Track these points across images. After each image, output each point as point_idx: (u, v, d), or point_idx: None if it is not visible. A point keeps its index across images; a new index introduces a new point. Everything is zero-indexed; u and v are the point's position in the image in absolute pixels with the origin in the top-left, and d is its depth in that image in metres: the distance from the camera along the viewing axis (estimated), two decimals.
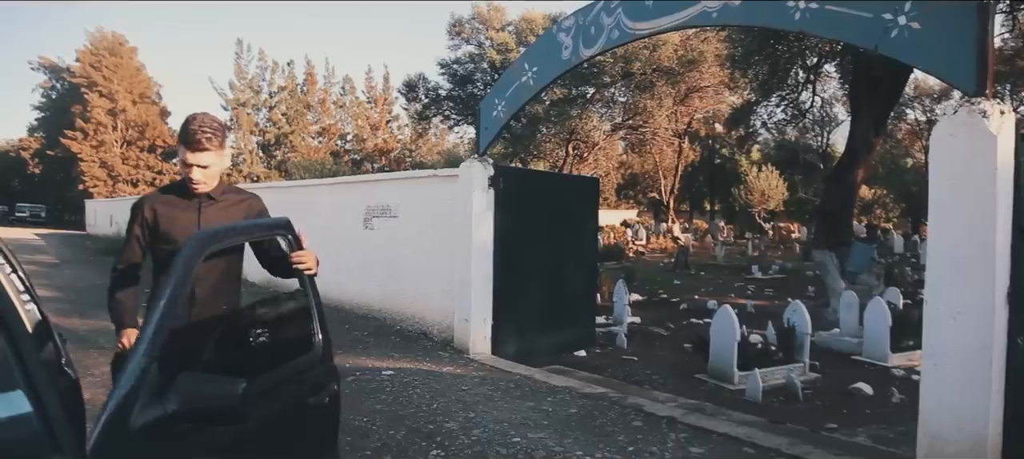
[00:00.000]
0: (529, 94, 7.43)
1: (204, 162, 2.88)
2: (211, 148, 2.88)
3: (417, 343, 8.44)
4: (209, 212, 2.99)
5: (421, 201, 9.10)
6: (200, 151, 2.86)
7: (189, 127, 2.87)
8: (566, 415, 5.54)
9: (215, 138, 2.89)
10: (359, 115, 55.05)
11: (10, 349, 1.71)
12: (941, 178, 3.99)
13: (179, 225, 2.93)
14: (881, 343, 9.61)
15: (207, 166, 2.90)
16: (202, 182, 2.93)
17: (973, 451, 3.80)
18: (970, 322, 3.81)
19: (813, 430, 5.77)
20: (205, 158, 2.88)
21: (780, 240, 31.60)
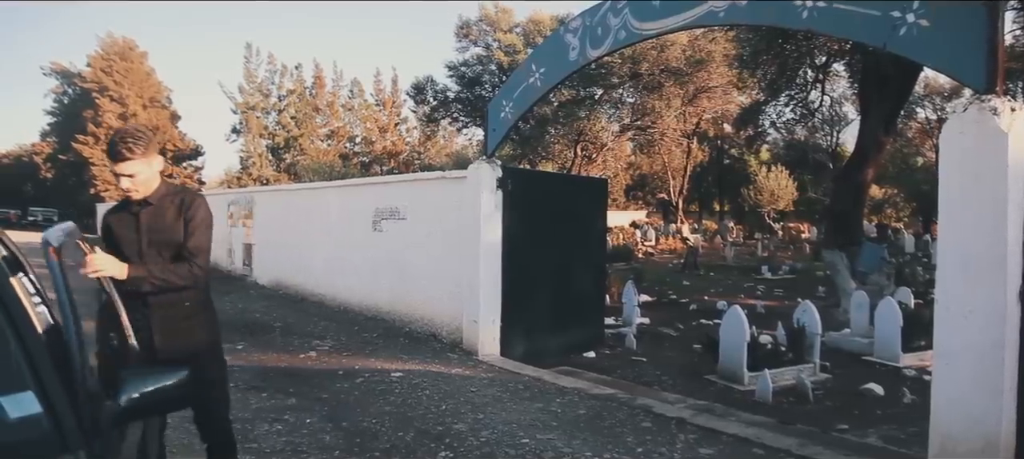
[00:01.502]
0: (536, 95, 7.43)
1: (130, 171, 3.03)
2: (134, 157, 3.01)
3: (426, 345, 8.44)
4: (145, 216, 3.16)
5: (429, 203, 9.11)
6: (123, 161, 3.01)
7: (112, 141, 3.06)
8: (575, 416, 5.53)
9: (137, 147, 3.02)
10: (368, 118, 55.16)
11: (20, 351, 1.74)
12: (951, 176, 3.97)
13: (123, 233, 3.17)
14: (892, 343, 9.55)
15: (133, 174, 3.04)
16: (133, 189, 3.09)
17: (986, 450, 3.77)
18: (981, 321, 3.78)
19: (823, 431, 5.75)
20: (130, 167, 3.02)
21: (790, 240, 31.49)
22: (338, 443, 4.91)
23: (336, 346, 8.37)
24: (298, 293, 12.77)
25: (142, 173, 3.07)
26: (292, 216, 13.39)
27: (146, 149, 3.06)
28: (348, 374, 6.94)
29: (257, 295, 13.29)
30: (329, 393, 6.22)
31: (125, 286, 2.89)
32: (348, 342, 8.60)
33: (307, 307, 11.52)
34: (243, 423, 5.29)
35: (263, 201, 15.18)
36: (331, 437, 5.02)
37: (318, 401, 5.96)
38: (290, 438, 4.99)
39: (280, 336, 9.08)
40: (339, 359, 7.68)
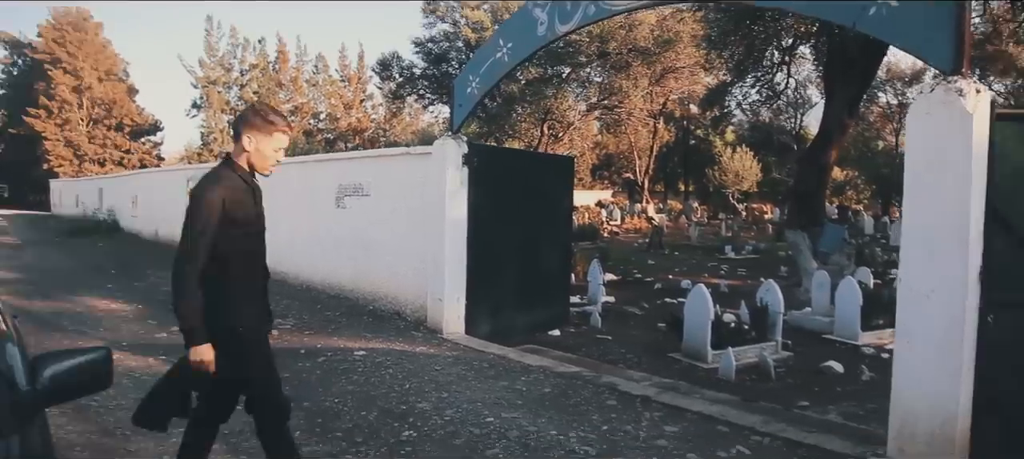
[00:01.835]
0: (504, 70, 7.32)
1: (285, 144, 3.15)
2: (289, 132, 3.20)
3: (390, 323, 8.35)
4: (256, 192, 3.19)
5: (394, 179, 8.97)
6: (287, 135, 3.15)
7: (276, 115, 3.11)
8: (540, 394, 5.50)
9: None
10: (332, 94, 54.41)
11: None
12: (916, 156, 3.98)
13: (247, 206, 3.09)
14: (852, 322, 9.71)
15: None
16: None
17: (944, 429, 3.82)
18: (943, 301, 3.82)
19: (786, 408, 5.80)
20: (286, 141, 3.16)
21: (753, 221, 31.85)
22: (299, 424, 4.80)
23: (298, 325, 8.23)
24: None
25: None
26: None
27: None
28: (310, 353, 6.82)
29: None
30: (290, 373, 6.10)
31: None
32: (310, 320, 8.46)
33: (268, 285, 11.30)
34: None
35: None
36: (293, 417, 4.90)
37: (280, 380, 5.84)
38: (249, 419, 4.85)
39: None
40: (301, 338, 7.55)
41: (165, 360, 6.43)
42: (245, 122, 3.07)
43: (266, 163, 3.11)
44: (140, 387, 5.53)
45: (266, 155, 3.08)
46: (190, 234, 2.86)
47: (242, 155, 3.05)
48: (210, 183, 2.94)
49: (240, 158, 3.07)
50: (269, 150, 3.08)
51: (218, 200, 2.88)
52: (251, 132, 3.03)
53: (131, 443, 4.36)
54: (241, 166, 3.06)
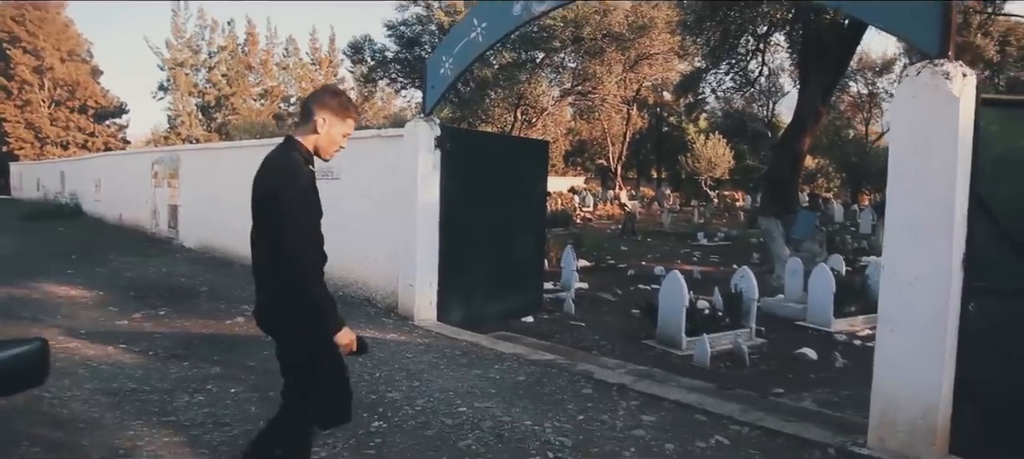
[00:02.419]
0: (478, 51, 7.13)
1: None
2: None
3: (360, 309, 8.15)
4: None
5: (364, 163, 8.73)
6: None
7: (349, 99, 2.97)
8: (514, 383, 5.36)
9: None
10: (303, 78, 53.67)
11: None
12: (901, 141, 3.89)
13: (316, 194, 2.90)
14: (825, 309, 9.74)
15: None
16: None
17: (926, 419, 3.76)
18: (927, 288, 3.74)
19: (762, 396, 5.73)
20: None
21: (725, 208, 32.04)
22: (265, 413, 4.60)
23: None
24: (226, 256, 12.24)
25: None
26: (220, 176, 12.78)
27: None
28: None
29: (183, 258, 12.70)
30: (256, 361, 5.90)
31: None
32: None
33: (235, 271, 11.03)
34: (161, 394, 4.96)
35: (189, 160, 14.47)
36: (257, 408, 4.73)
37: (244, 369, 5.64)
38: (213, 410, 4.68)
39: (206, 301, 8.65)
40: None
41: (125, 348, 6.21)
42: (321, 103, 2.87)
43: (332, 148, 2.93)
44: (97, 377, 5.31)
45: (335, 140, 2.90)
46: (296, 224, 2.67)
47: (310, 137, 2.85)
48: (295, 170, 2.75)
49: (307, 140, 2.86)
50: (338, 135, 2.90)
51: (310, 185, 2.75)
52: (326, 113, 2.83)
53: (84, 437, 4.15)
54: (306, 149, 2.86)
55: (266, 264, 2.80)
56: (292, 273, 2.66)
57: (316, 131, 2.83)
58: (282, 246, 2.65)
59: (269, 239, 2.72)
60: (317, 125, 2.82)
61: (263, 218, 2.78)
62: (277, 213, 2.65)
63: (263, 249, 2.79)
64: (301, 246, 2.66)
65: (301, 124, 2.91)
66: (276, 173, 2.76)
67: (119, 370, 5.52)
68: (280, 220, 2.64)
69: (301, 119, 2.93)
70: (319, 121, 2.81)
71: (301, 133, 2.87)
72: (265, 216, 2.75)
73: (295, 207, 2.66)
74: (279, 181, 2.71)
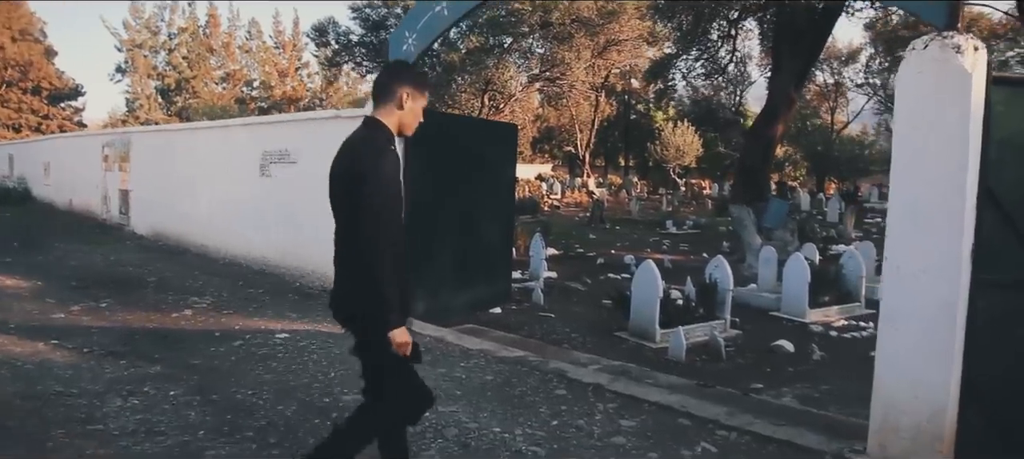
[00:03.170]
0: (444, 25, 6.68)
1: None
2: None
3: (318, 301, 7.66)
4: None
5: (323, 145, 8.13)
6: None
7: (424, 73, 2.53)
8: (481, 383, 4.96)
9: None
10: (266, 61, 52.49)
11: None
12: (906, 121, 3.55)
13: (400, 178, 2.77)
14: (799, 299, 9.53)
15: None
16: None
17: (931, 421, 3.45)
18: (933, 281, 3.42)
19: (743, 393, 5.43)
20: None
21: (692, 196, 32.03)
22: (204, 421, 4.17)
23: (216, 303, 7.51)
24: (180, 244, 11.66)
25: None
26: (172, 160, 12.16)
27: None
28: (226, 336, 6.14)
29: (134, 246, 12.09)
30: (201, 359, 5.43)
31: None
32: (230, 299, 7.74)
33: (188, 259, 10.49)
34: (91, 398, 4.48)
35: (140, 143, 13.78)
36: (197, 413, 4.27)
37: (187, 369, 5.17)
38: (147, 416, 4.21)
39: (153, 292, 8.11)
40: (218, 318, 6.84)
41: (57, 345, 5.68)
42: (400, 79, 2.76)
43: (414, 124, 2.82)
44: (21, 378, 4.80)
45: (417, 115, 2.81)
46: (379, 212, 2.52)
47: (393, 116, 2.73)
48: (382, 151, 2.60)
49: (391, 118, 2.73)
50: (419, 110, 2.81)
51: (396, 171, 2.61)
52: (408, 87, 2.73)
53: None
54: (389, 128, 2.72)
55: (343, 253, 2.71)
56: (367, 261, 2.52)
57: (401, 107, 2.72)
58: (361, 234, 2.53)
59: (348, 225, 2.63)
60: (402, 100, 2.72)
61: (344, 203, 2.65)
62: (360, 199, 2.52)
63: (343, 236, 2.70)
64: (381, 236, 2.52)
65: (381, 102, 2.75)
66: (362, 156, 2.60)
67: (46, 370, 5.00)
68: (362, 206, 2.52)
69: (380, 97, 2.76)
70: (404, 96, 2.71)
71: (383, 112, 2.73)
72: (347, 201, 2.61)
73: (379, 194, 2.53)
74: (365, 165, 2.56)
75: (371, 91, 2.89)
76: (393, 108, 2.72)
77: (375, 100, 2.79)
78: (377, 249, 2.51)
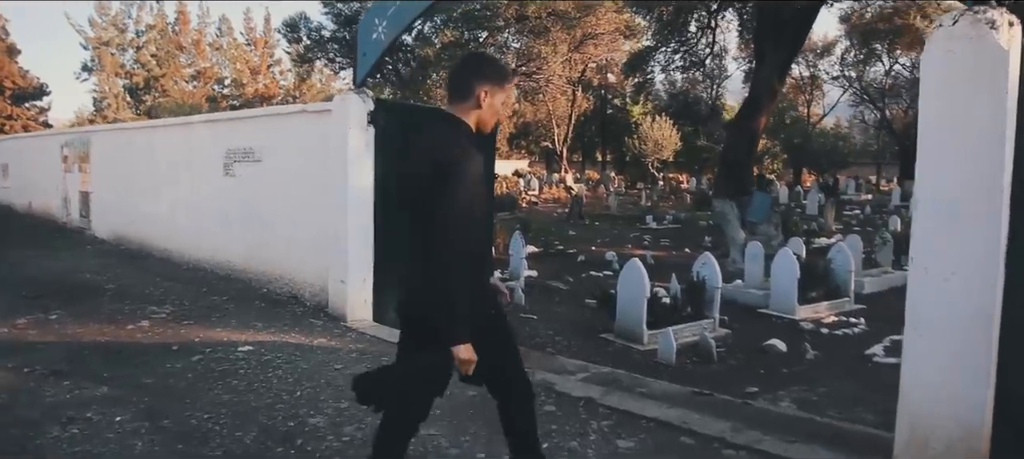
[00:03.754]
0: (416, 12, 6.24)
1: None
2: None
3: (286, 309, 7.20)
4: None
5: (289, 142, 7.76)
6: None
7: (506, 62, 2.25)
8: (463, 401, 4.50)
9: None
10: (238, 58, 51.49)
11: None
12: (933, 107, 3.19)
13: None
14: (788, 296, 9.29)
15: None
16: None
17: (966, 439, 3.09)
18: (965, 284, 3.07)
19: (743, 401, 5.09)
20: None
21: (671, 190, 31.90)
22: (152, 450, 3.71)
23: (176, 313, 7.00)
24: (142, 248, 11.10)
25: None
26: (134, 160, 11.58)
27: None
28: (184, 349, 5.66)
29: (94, 251, 11.50)
30: (155, 377, 4.96)
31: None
32: (192, 307, 7.24)
33: (150, 265, 9.94)
34: (25, 426, 4.00)
35: (100, 142, 13.16)
36: (145, 443, 3.81)
37: (138, 389, 4.69)
38: (87, 447, 3.74)
39: (109, 301, 7.58)
40: (177, 330, 6.35)
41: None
42: (480, 73, 2.61)
43: (493, 121, 2.67)
44: None
45: (497, 111, 2.65)
46: (461, 215, 2.39)
47: (472, 113, 2.58)
48: (466, 151, 2.46)
49: (469, 115, 2.58)
50: (500, 105, 2.65)
51: (479, 173, 2.49)
52: (487, 84, 2.58)
53: None
54: (468, 125, 2.59)
55: (414, 253, 2.55)
56: (440, 268, 2.39)
57: (479, 105, 2.57)
58: (437, 237, 2.39)
59: (424, 225, 2.45)
60: (480, 98, 2.57)
61: (419, 201, 2.50)
62: (440, 199, 2.38)
63: (414, 236, 2.55)
64: (458, 242, 2.39)
65: (457, 98, 2.60)
66: (445, 153, 2.44)
67: None
68: (442, 208, 2.37)
69: (456, 92, 2.62)
70: (482, 94, 2.56)
71: (460, 108, 2.59)
72: (424, 200, 2.45)
73: (463, 195, 2.40)
74: (449, 163, 2.41)
75: (447, 83, 2.72)
76: (470, 106, 2.57)
77: (450, 95, 2.64)
78: (452, 256, 2.38)
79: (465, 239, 2.41)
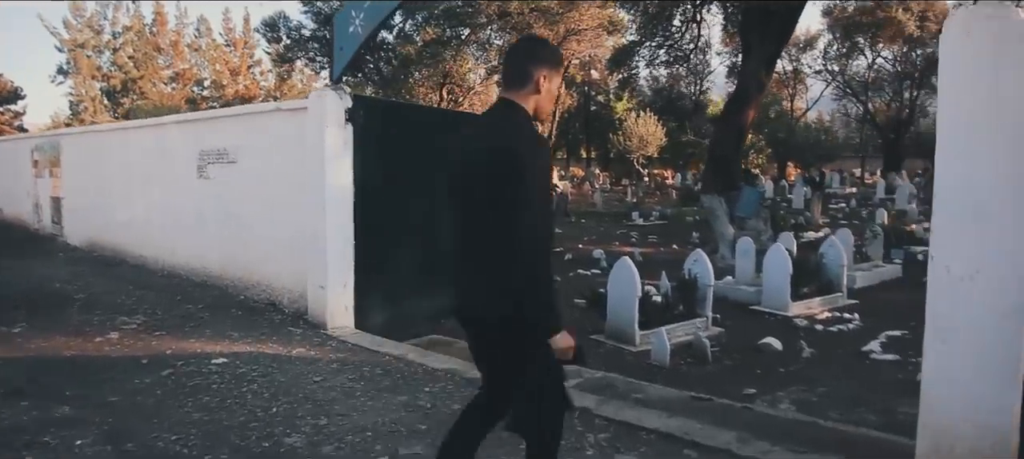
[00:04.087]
0: (392, 5, 5.96)
1: None
2: None
3: (264, 317, 6.87)
4: None
5: (265, 142, 7.43)
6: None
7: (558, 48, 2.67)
8: (450, 414, 4.23)
9: None
10: (217, 59, 50.78)
11: None
12: (953, 93, 2.96)
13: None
14: (781, 292, 9.14)
15: None
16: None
17: (994, 448, 2.87)
18: (992, 285, 2.85)
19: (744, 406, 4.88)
20: None
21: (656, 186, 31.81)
22: None
23: (148, 323, 6.67)
24: (116, 255, 10.72)
25: None
26: (105, 163, 11.19)
27: None
28: (154, 363, 5.34)
29: (66, 259, 11.09)
30: (121, 394, 4.64)
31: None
32: (165, 317, 6.90)
33: (123, 272, 9.57)
34: None
35: (71, 146, 12.74)
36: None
37: (102, 408, 4.38)
38: None
39: (78, 312, 7.22)
40: (148, 341, 6.02)
41: None
42: (537, 57, 2.50)
43: (549, 109, 2.60)
44: None
45: (553, 98, 2.57)
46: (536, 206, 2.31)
47: (531, 99, 2.49)
48: (535, 140, 2.41)
49: (528, 102, 2.48)
50: (555, 91, 2.56)
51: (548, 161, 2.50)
52: (545, 68, 2.48)
53: None
54: (527, 112, 2.49)
55: (482, 248, 2.44)
56: (527, 260, 2.29)
57: (538, 90, 2.48)
58: (520, 229, 2.27)
59: (484, 219, 2.39)
60: (539, 83, 2.47)
61: (480, 194, 2.39)
62: (514, 190, 2.28)
63: (474, 230, 2.46)
64: (542, 231, 2.34)
65: (516, 85, 2.49)
66: (514, 142, 2.34)
67: None
68: (520, 199, 2.27)
69: (515, 79, 2.50)
70: (541, 79, 2.47)
71: (519, 95, 2.48)
72: (485, 192, 2.36)
73: (536, 185, 2.32)
74: (521, 152, 2.31)
75: (502, 71, 2.60)
76: (529, 92, 2.47)
77: (508, 82, 2.53)
78: (539, 246, 2.31)
79: (548, 227, 2.40)
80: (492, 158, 2.35)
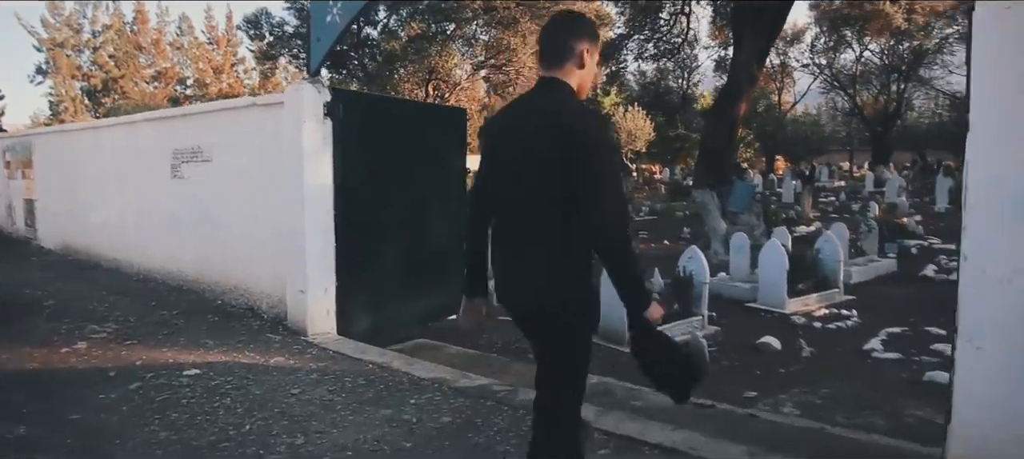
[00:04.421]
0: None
1: None
2: None
3: (241, 323, 6.54)
4: None
5: (241, 140, 7.10)
6: None
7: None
8: (438, 428, 3.95)
9: None
10: (199, 58, 50.18)
11: None
12: (989, 80, 2.68)
13: None
14: (777, 289, 8.90)
15: None
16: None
17: None
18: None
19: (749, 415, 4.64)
20: None
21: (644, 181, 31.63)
22: None
23: (119, 331, 6.33)
24: (90, 258, 10.36)
25: None
26: (79, 164, 10.81)
27: None
28: (122, 375, 5.01)
29: (39, 263, 10.73)
30: (84, 411, 4.32)
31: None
32: (137, 324, 6.57)
33: (97, 276, 9.22)
34: None
35: (43, 146, 12.33)
36: None
37: (62, 428, 4.06)
38: None
39: (46, 320, 6.87)
40: (117, 352, 5.69)
41: None
42: (579, 31, 2.41)
43: (589, 86, 2.52)
44: None
45: (593, 75, 2.52)
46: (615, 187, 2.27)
47: (575, 74, 2.40)
48: (598, 116, 1.79)
49: (573, 78, 2.39)
50: (595, 68, 2.50)
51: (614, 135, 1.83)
52: (587, 42, 2.40)
53: None
54: (574, 90, 2.40)
55: (527, 235, 2.38)
56: (613, 241, 2.22)
57: (582, 65, 2.40)
58: (602, 211, 2.19)
59: (537, 204, 2.32)
60: (583, 59, 2.39)
61: (532, 177, 2.31)
62: (589, 172, 2.19)
63: (525, 216, 2.37)
64: (623, 214, 2.32)
65: (558, 62, 2.39)
66: (580, 121, 2.27)
67: None
68: (599, 179, 2.20)
69: (557, 56, 2.39)
70: (584, 54, 2.39)
71: (562, 71, 2.38)
72: (537, 175, 2.29)
73: (611, 165, 2.32)
74: (591, 133, 2.25)
75: (540, 49, 2.45)
76: (573, 68, 2.38)
77: (549, 60, 2.40)
78: (623, 226, 2.27)
79: (626, 211, 2.36)
80: (556, 138, 2.24)
